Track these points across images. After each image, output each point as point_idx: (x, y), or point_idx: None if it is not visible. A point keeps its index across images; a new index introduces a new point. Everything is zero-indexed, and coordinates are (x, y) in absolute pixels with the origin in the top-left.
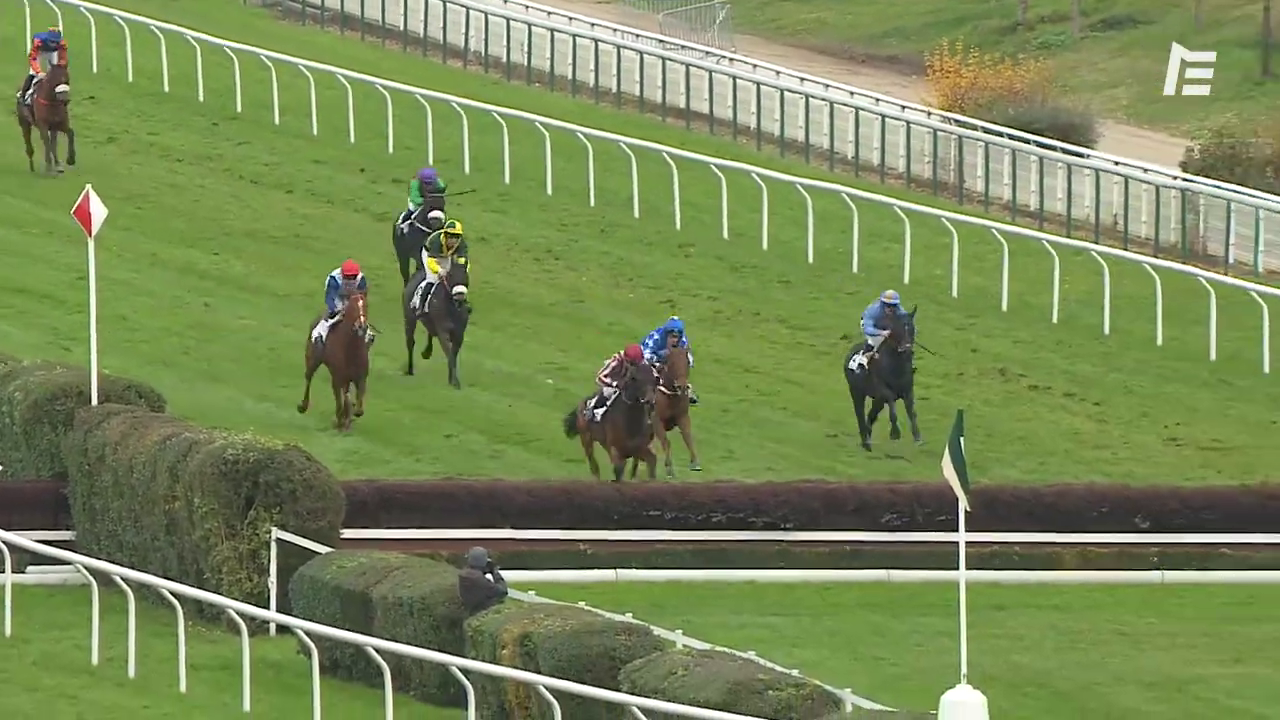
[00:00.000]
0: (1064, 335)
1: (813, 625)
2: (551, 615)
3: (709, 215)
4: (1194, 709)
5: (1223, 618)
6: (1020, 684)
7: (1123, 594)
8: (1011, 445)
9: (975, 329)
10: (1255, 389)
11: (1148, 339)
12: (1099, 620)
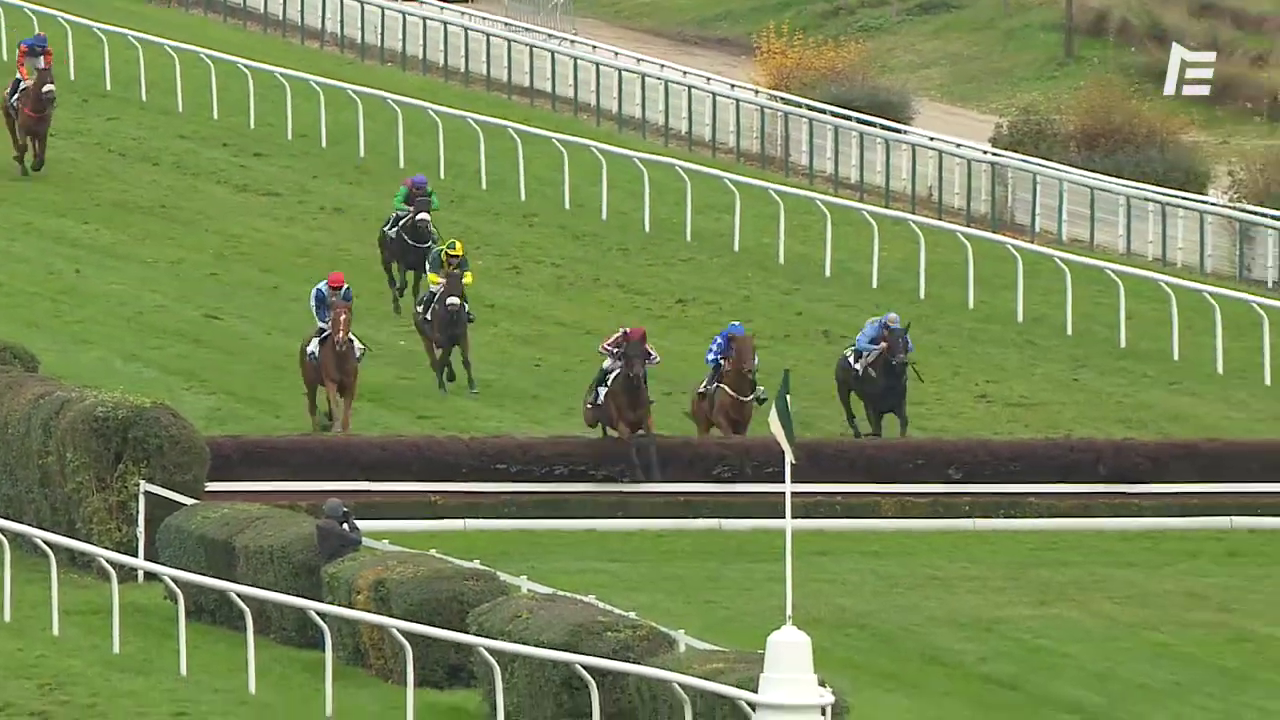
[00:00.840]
0: (882, 299)
1: (649, 571)
2: (403, 562)
3: (552, 187)
4: (1001, 647)
5: (1029, 563)
6: (842, 625)
7: (937, 541)
8: (834, 403)
9: (800, 294)
10: (1059, 349)
11: (959, 303)
12: (915, 565)
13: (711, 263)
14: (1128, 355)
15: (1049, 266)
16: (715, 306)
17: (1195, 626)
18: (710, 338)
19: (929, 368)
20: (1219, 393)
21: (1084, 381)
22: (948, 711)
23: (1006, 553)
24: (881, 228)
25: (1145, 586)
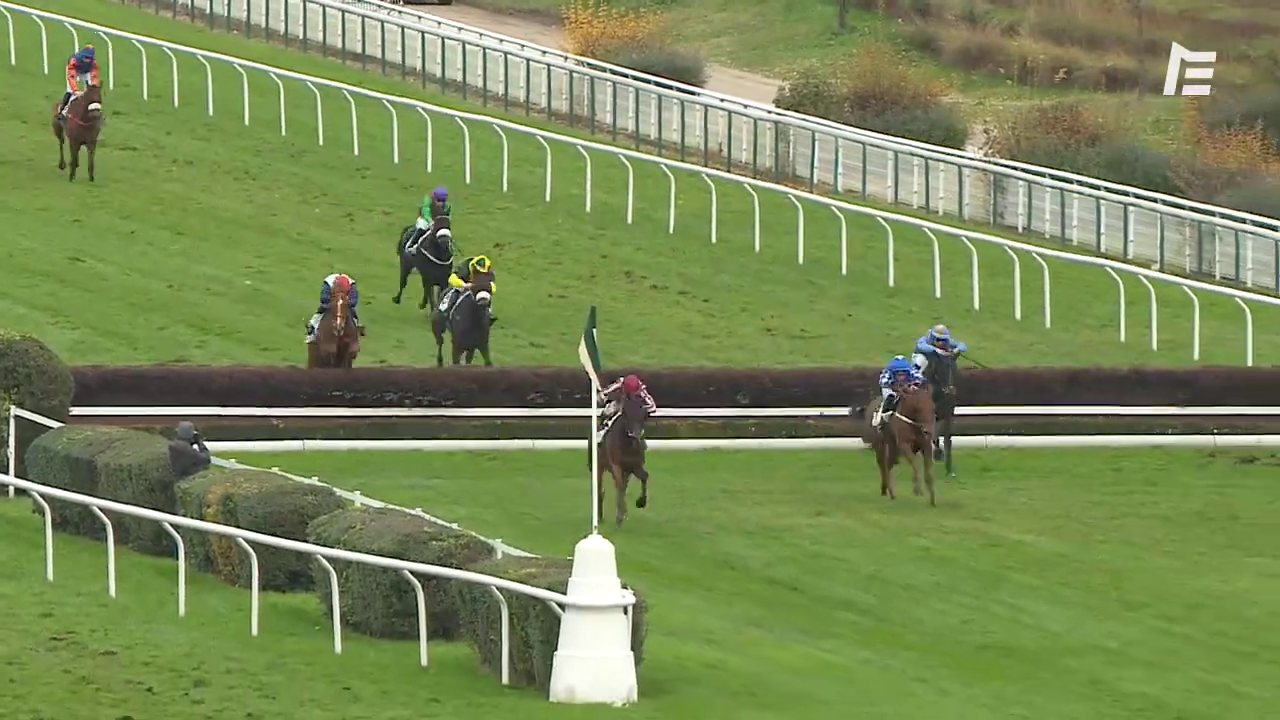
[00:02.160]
0: (679, 243)
1: (469, 487)
2: (249, 479)
3: (382, 143)
4: (784, 553)
5: (808, 478)
6: (642, 533)
7: (727, 459)
8: (636, 336)
9: (605, 238)
10: (834, 287)
11: (747, 246)
12: (708, 481)
13: (525, 211)
14: (896, 293)
15: (826, 214)
16: (529, 250)
17: (953, 533)
18: (526, 279)
19: (720, 304)
20: (975, 326)
21: (857, 316)
22: (736, 610)
23: (788, 469)
24: (677, 179)
25: (909, 498)
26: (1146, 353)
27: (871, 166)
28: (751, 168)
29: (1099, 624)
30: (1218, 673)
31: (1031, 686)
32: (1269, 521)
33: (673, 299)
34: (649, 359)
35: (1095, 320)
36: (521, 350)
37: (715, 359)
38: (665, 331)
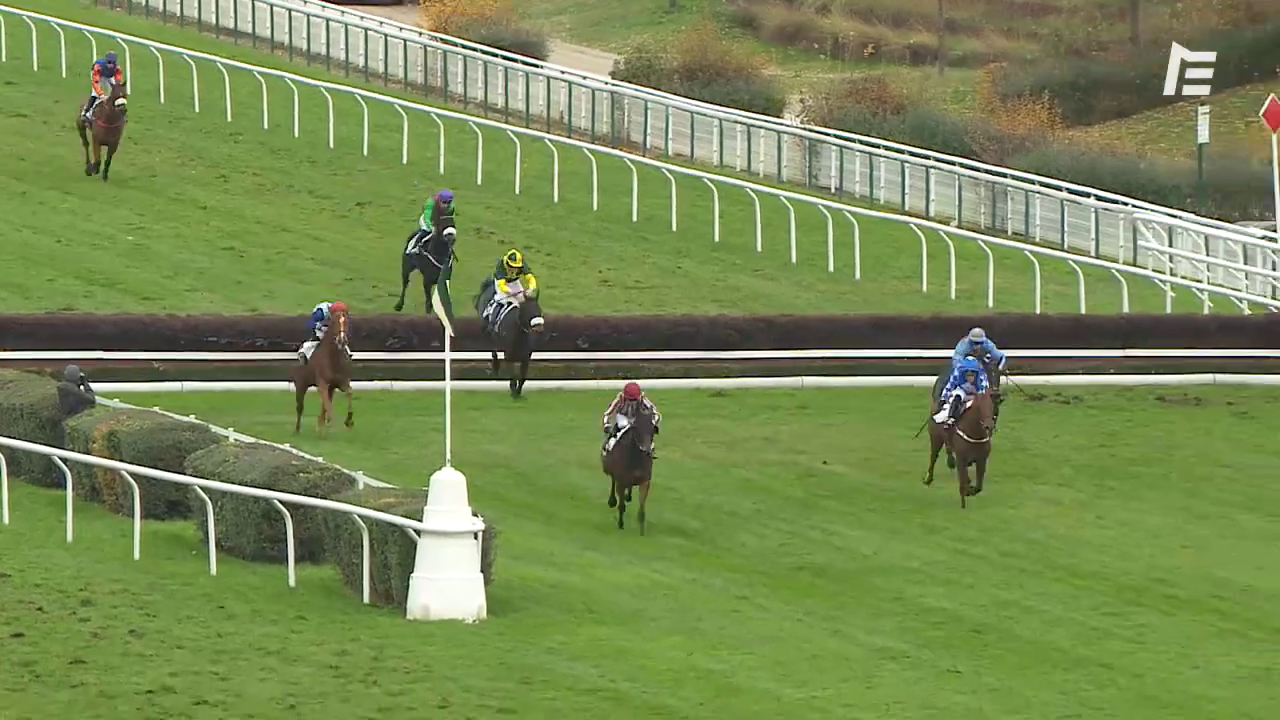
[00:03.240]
0: (524, 203)
1: (334, 423)
2: (132, 417)
3: (253, 110)
4: None
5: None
6: (491, 466)
7: (569, 398)
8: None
9: (458, 198)
10: (665, 242)
11: (586, 205)
12: (551, 418)
13: (384, 173)
14: (720, 248)
15: (657, 176)
16: (388, 208)
17: (772, 465)
18: (385, 235)
19: (561, 257)
20: (792, 277)
21: (685, 269)
22: (575, 535)
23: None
24: (522, 144)
25: (733, 434)
26: (946, 301)
27: (699, 133)
28: (590, 134)
29: (902, 546)
30: (1008, 589)
31: (842, 603)
32: (1054, 453)
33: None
34: None
35: (900, 272)
36: (381, 300)
37: (558, 307)
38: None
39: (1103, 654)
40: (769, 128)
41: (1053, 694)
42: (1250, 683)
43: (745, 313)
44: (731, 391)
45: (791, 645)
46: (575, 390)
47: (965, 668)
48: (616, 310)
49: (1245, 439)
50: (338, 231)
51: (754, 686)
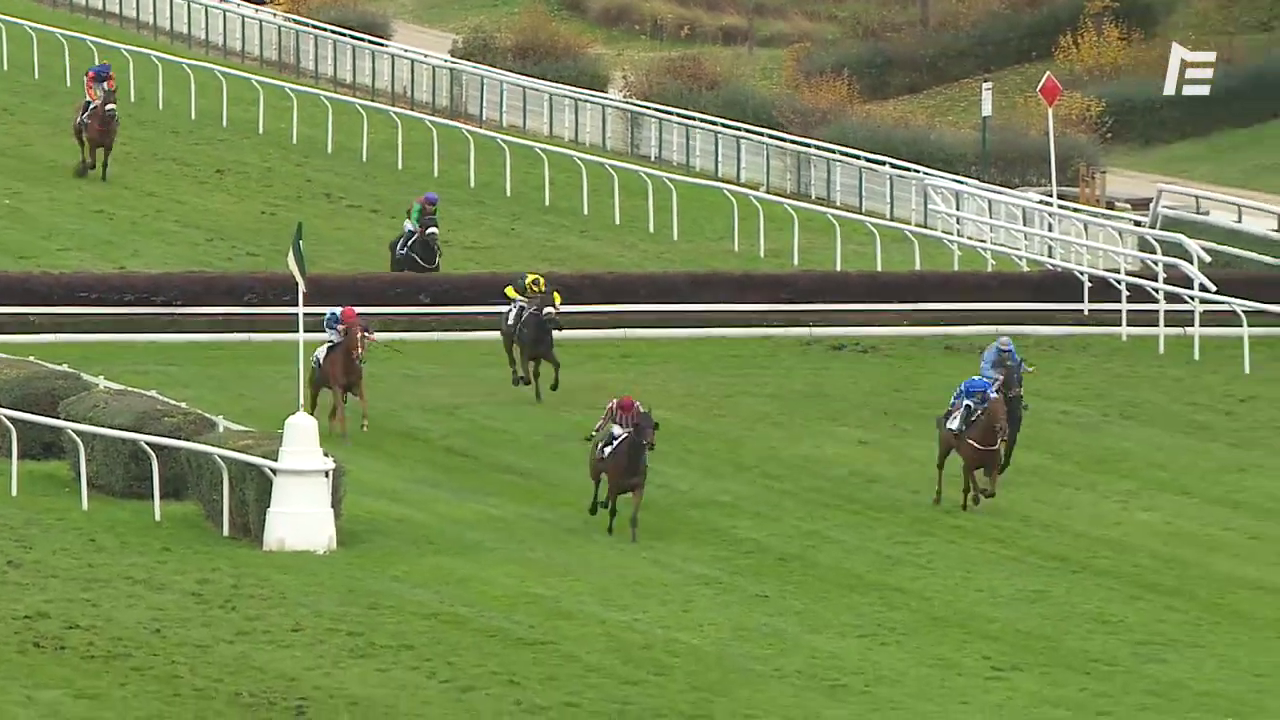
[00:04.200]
0: (370, 170)
1: (197, 373)
2: (8, 366)
3: (120, 85)
4: (459, 426)
5: (481, 364)
6: None
7: (412, 349)
8: (334, 247)
9: (309, 165)
10: (500, 206)
11: (427, 172)
12: (393, 367)
13: (242, 142)
14: (550, 211)
15: (492, 145)
16: (245, 175)
17: (599, 409)
18: (242, 199)
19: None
20: (616, 238)
21: (518, 231)
22: (419, 474)
23: (464, 358)
24: (369, 116)
25: (565, 380)
26: (755, 260)
27: (530, 106)
28: (430, 107)
29: (716, 482)
30: (811, 521)
31: (661, 533)
32: (853, 398)
33: (365, 216)
34: (346, 266)
35: (714, 233)
36: (239, 259)
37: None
38: (360, 243)
39: (895, 579)
40: (594, 102)
41: (850, 615)
42: (1026, 603)
43: (573, 270)
44: (560, 342)
45: (615, 573)
46: (417, 341)
47: (772, 592)
48: (456, 269)
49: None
50: (199, 196)
51: (581, 610)
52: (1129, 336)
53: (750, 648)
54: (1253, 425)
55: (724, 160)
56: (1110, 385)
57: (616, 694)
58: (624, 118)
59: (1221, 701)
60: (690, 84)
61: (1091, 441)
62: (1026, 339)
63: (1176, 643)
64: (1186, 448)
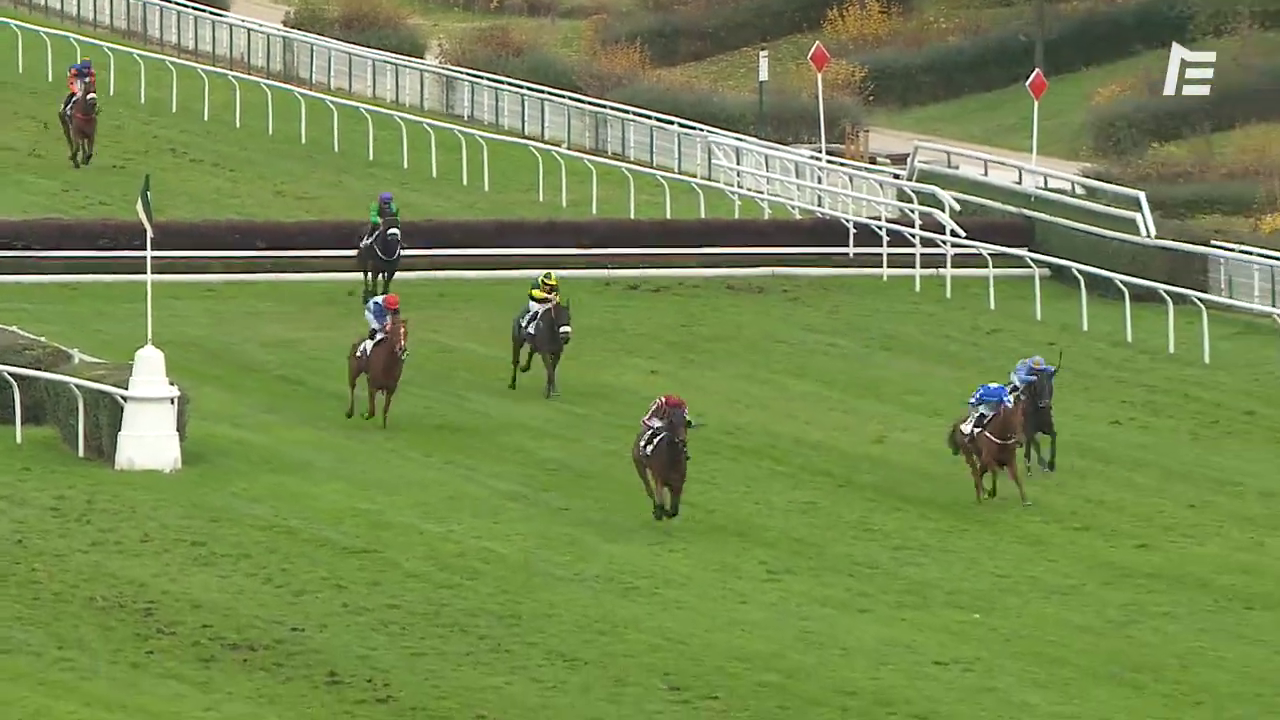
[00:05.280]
0: (212, 128)
1: (56, 311)
2: None
3: None
4: (292, 358)
5: (311, 303)
6: (186, 345)
7: (250, 288)
8: (179, 197)
9: (156, 123)
10: (328, 161)
11: (263, 130)
12: (236, 306)
13: None
14: (374, 165)
15: (322, 106)
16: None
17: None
18: (98, 153)
19: (243, 173)
20: (433, 190)
21: (345, 183)
22: (256, 401)
23: (297, 296)
24: (210, 79)
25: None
26: (558, 209)
27: (355, 71)
28: (266, 71)
29: (523, 408)
30: (607, 443)
31: (474, 455)
32: (646, 333)
33: (207, 170)
34: (190, 214)
35: (520, 185)
36: (93, 206)
37: (240, 214)
38: (202, 194)
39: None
40: (413, 67)
41: (642, 526)
42: (798, 513)
43: None
44: None
45: (433, 489)
46: (255, 282)
47: (573, 506)
48: (289, 216)
49: (796, 320)
50: (55, 152)
51: (401, 522)
52: (889, 277)
53: (552, 555)
54: (996, 354)
55: (529, 120)
56: (872, 320)
57: (433, 596)
58: (439, 81)
59: (967, 598)
60: (499, 51)
61: (856, 370)
62: (800, 279)
63: (929, 547)
64: (939, 375)
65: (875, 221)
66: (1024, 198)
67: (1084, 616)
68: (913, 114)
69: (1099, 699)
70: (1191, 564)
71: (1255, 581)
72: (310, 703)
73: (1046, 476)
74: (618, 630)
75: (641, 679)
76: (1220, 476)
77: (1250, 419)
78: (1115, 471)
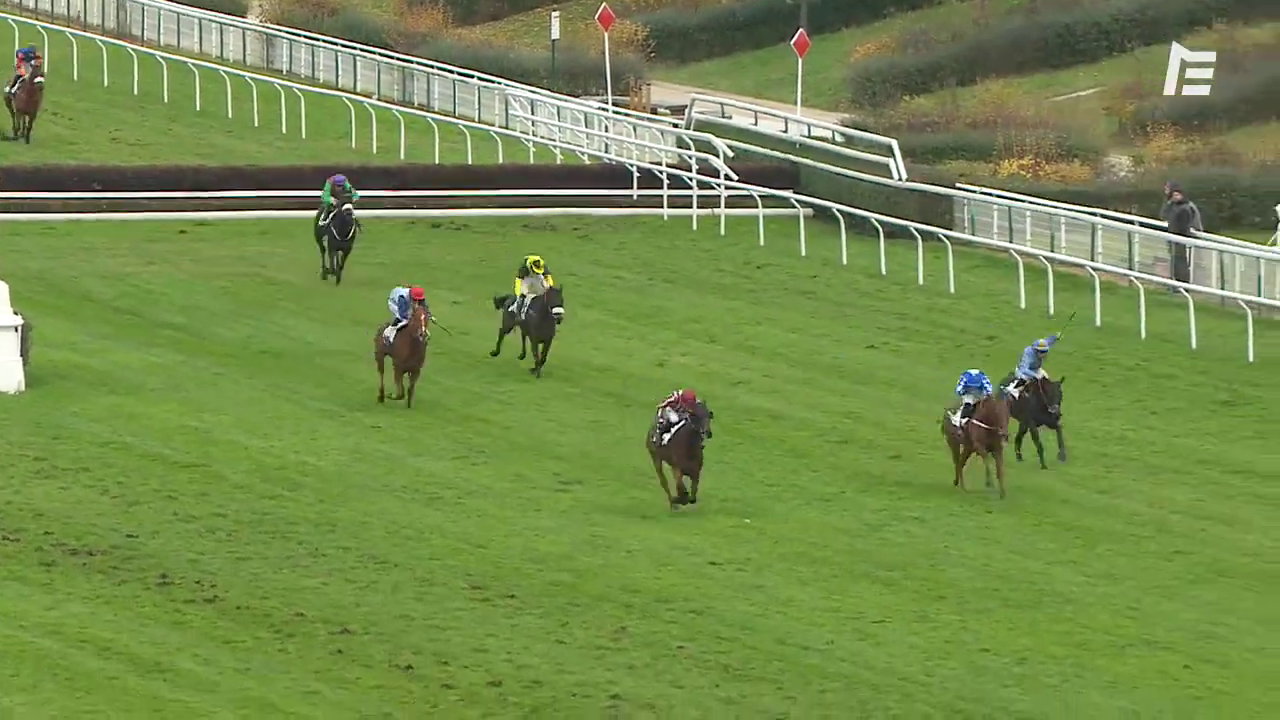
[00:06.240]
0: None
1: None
2: None
3: None
4: (126, 289)
5: (143, 240)
6: (28, 278)
7: (87, 227)
8: (20, 144)
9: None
10: (159, 111)
11: (99, 83)
12: (73, 243)
13: None
14: (202, 115)
15: (153, 61)
16: None
17: (241, 276)
18: None
19: (79, 122)
20: (255, 137)
21: (175, 131)
22: (94, 329)
23: (131, 234)
24: (49, 35)
25: (213, 253)
26: (370, 155)
27: (183, 29)
28: (101, 28)
29: (339, 334)
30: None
31: (294, 378)
32: (450, 266)
33: (48, 119)
34: (32, 160)
35: (335, 133)
36: None
37: (77, 158)
38: (44, 141)
39: (482, 412)
40: (237, 25)
41: (447, 442)
42: (587, 430)
43: (221, 164)
44: (211, 221)
45: (256, 409)
46: (92, 221)
47: (383, 424)
48: (124, 161)
49: (586, 255)
50: None
51: (227, 439)
52: (669, 217)
53: (365, 468)
54: (766, 287)
55: (343, 74)
56: (654, 256)
57: (257, 506)
58: (261, 39)
59: (740, 505)
60: (315, 11)
61: (640, 301)
62: (589, 218)
63: (706, 460)
64: (714, 305)
65: (657, 166)
66: (790, 145)
67: (843, 521)
68: (690, 69)
69: (856, 594)
70: (939, 473)
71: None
72: (144, 602)
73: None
74: (424, 536)
75: (446, 579)
76: None
77: (991, 343)
78: (872, 391)
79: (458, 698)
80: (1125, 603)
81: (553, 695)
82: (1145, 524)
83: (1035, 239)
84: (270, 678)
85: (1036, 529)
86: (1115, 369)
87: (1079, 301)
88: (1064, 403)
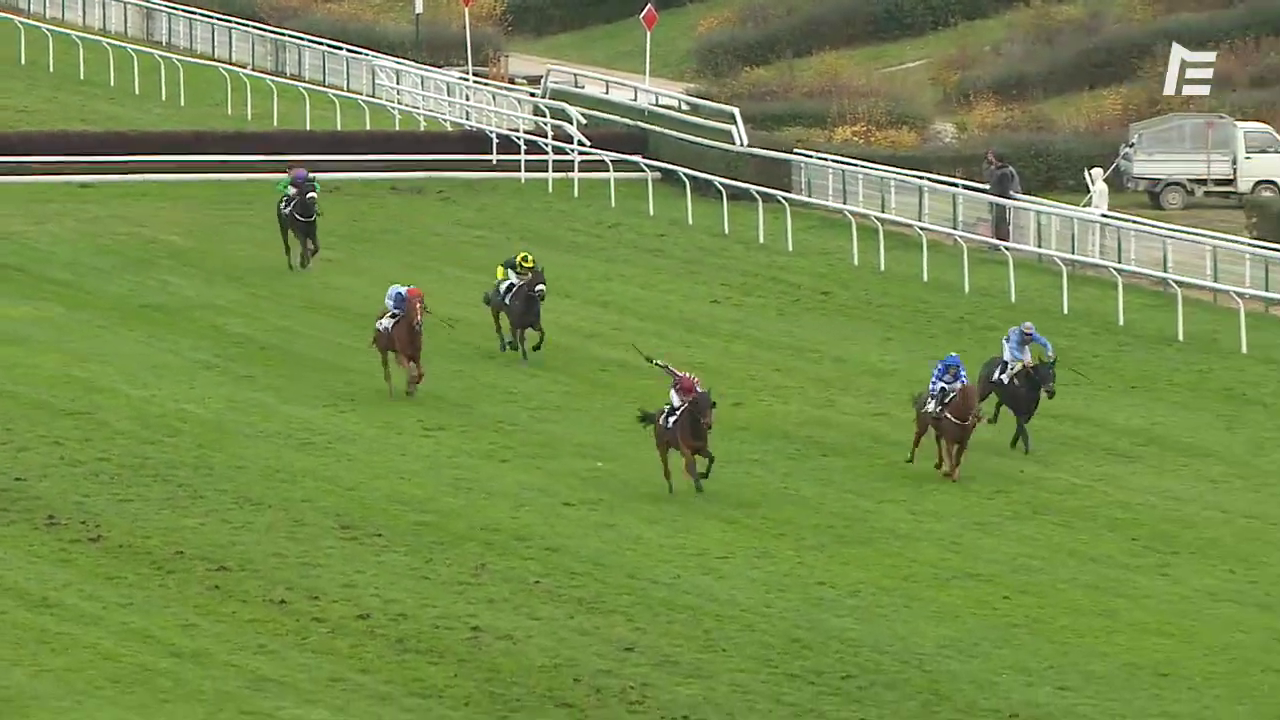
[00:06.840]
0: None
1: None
2: None
3: None
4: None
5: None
6: None
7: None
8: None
9: None
10: (44, 80)
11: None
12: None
13: None
14: (86, 84)
15: (39, 32)
16: None
17: (122, 235)
18: None
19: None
20: (137, 105)
21: (60, 99)
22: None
23: (20, 195)
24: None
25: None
26: (245, 121)
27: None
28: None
29: (217, 290)
30: (284, 319)
31: (172, 330)
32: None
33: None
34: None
35: (213, 101)
36: None
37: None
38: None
39: (351, 363)
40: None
41: (318, 391)
42: (450, 379)
43: (104, 129)
44: (96, 185)
45: (136, 359)
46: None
47: (257, 374)
48: (10, 128)
49: (449, 216)
50: None
51: (110, 387)
52: (526, 180)
53: (240, 416)
54: (617, 245)
55: (219, 45)
56: (513, 216)
57: (138, 451)
58: (141, 12)
59: (594, 450)
60: None
61: (499, 258)
62: (453, 182)
63: (561, 408)
64: (568, 262)
65: (515, 133)
66: (639, 113)
67: None
68: (545, 42)
69: (701, 532)
70: (777, 419)
71: (829, 433)
72: (32, 542)
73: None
74: (297, 479)
75: (317, 520)
76: (801, 345)
77: (825, 298)
78: (715, 342)
79: (328, 630)
80: (950, 538)
81: (417, 627)
82: (966, 466)
83: (867, 200)
84: (151, 612)
85: (869, 470)
86: (941, 321)
87: (907, 259)
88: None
